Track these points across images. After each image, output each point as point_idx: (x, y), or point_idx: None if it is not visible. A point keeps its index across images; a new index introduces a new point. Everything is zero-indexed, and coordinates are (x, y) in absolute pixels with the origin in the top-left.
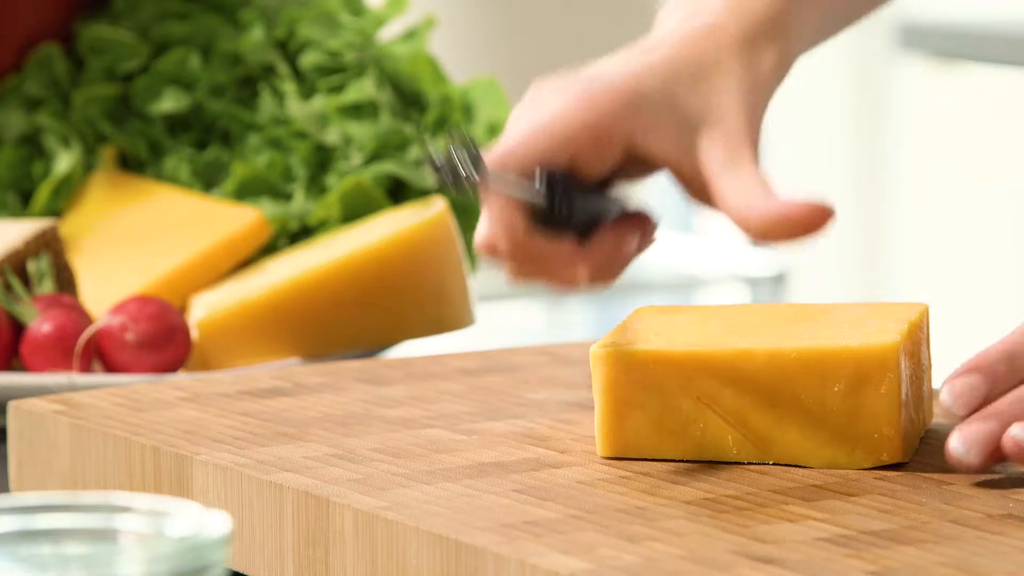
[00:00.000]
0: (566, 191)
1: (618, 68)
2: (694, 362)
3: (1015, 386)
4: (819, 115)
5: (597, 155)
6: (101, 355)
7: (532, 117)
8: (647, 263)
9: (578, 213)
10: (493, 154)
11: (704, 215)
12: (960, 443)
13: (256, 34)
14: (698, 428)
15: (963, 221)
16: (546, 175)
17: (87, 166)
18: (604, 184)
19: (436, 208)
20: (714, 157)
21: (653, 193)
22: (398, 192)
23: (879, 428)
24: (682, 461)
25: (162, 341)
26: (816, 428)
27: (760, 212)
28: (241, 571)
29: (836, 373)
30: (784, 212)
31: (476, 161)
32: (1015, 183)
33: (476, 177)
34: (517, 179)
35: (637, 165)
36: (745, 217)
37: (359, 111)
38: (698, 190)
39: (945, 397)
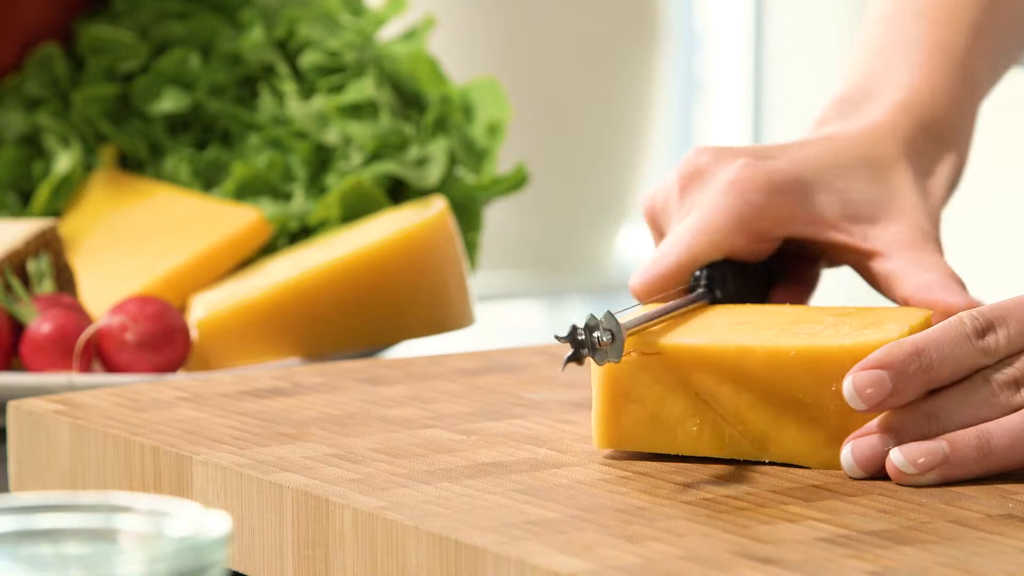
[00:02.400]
0: (724, 281)
1: (784, 154)
2: (693, 357)
3: (923, 387)
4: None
5: (754, 249)
6: (101, 355)
7: (688, 226)
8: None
9: (741, 295)
10: (654, 273)
11: None
12: (849, 456)
13: (256, 34)
14: (695, 423)
15: (963, 221)
16: (706, 273)
17: (87, 166)
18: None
19: (436, 208)
20: (896, 249)
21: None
22: (398, 192)
23: None
24: (679, 458)
25: (162, 341)
26: (813, 428)
27: (941, 310)
28: (241, 571)
29: (834, 373)
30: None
31: (616, 340)
32: (1015, 183)
33: (613, 357)
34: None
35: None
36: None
37: (359, 111)
38: (868, 275)
39: (847, 390)
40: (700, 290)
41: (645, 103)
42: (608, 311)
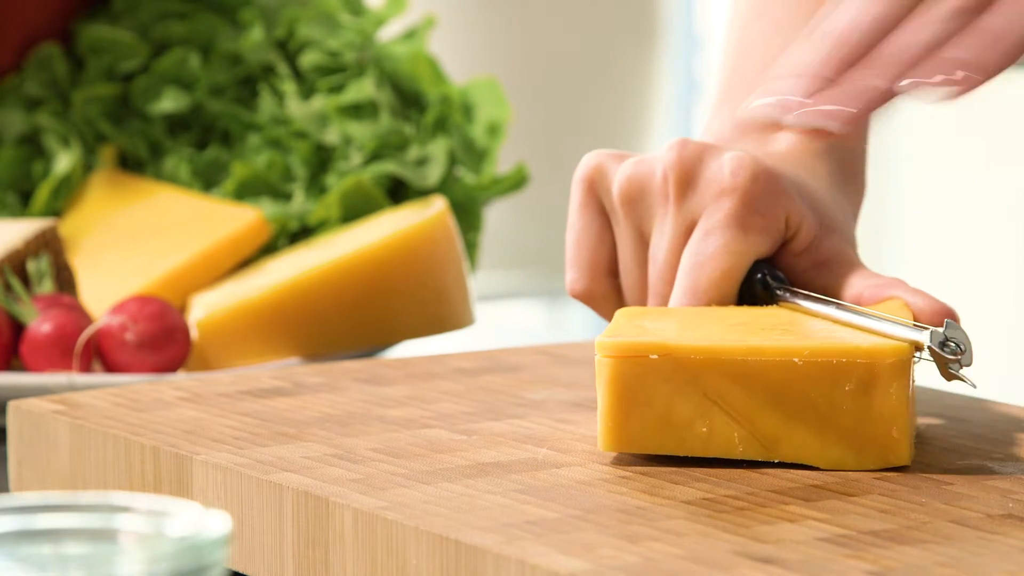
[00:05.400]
0: (777, 275)
1: (745, 148)
2: (704, 358)
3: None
4: None
5: (777, 240)
6: (101, 355)
7: (714, 248)
8: None
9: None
10: (704, 304)
11: None
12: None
13: (256, 34)
14: (705, 424)
15: (963, 221)
16: (768, 273)
17: (87, 166)
18: None
19: (436, 208)
20: (844, 261)
21: None
22: (398, 192)
23: (888, 430)
24: (679, 458)
25: (162, 341)
26: (824, 428)
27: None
28: (241, 571)
29: (848, 373)
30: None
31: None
32: (1015, 182)
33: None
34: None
35: None
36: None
37: (359, 111)
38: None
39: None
40: (785, 287)
41: (645, 103)
42: (948, 321)
